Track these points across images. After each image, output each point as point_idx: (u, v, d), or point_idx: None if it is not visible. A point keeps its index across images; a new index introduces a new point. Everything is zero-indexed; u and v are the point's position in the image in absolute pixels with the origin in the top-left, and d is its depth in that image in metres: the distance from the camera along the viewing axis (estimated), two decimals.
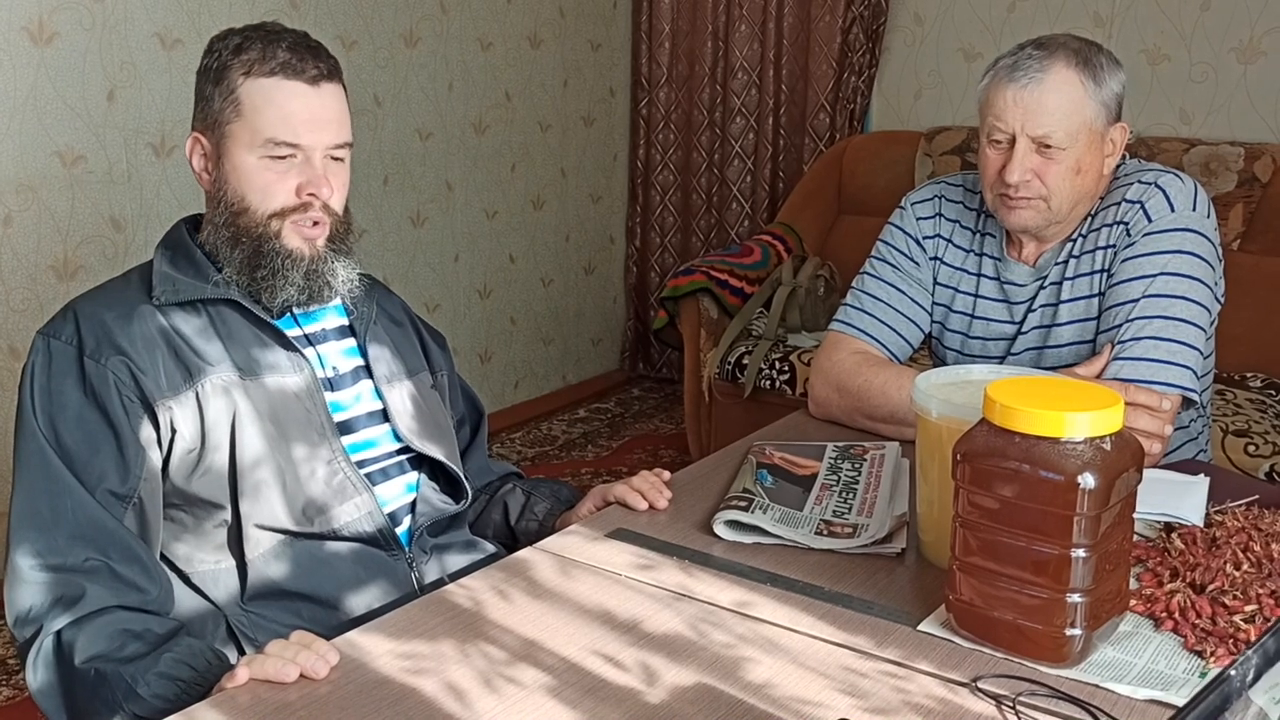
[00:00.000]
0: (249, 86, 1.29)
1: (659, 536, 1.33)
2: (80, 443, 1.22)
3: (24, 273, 2.72)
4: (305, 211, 1.31)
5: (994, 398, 1.05)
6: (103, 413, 1.23)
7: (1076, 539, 1.01)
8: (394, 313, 1.52)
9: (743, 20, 4.13)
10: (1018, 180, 1.57)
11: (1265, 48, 3.30)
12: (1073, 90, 1.55)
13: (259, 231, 1.30)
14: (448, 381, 1.57)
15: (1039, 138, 1.56)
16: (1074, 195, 1.60)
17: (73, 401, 1.23)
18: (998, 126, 1.59)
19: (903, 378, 1.62)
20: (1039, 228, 1.64)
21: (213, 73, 1.31)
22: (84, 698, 1.14)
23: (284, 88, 1.29)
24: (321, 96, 1.31)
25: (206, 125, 1.32)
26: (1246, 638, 1.07)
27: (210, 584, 1.27)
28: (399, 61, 3.53)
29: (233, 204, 1.31)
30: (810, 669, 1.06)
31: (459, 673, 1.05)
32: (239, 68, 1.29)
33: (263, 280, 1.31)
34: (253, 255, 1.30)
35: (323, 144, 1.31)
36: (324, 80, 1.31)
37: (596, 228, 4.45)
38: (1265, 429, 2.60)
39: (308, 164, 1.31)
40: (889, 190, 3.35)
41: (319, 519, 1.29)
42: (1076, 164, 1.57)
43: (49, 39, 2.69)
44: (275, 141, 1.29)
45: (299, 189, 1.31)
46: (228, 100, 1.30)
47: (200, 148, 1.34)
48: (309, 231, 1.32)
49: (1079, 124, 1.56)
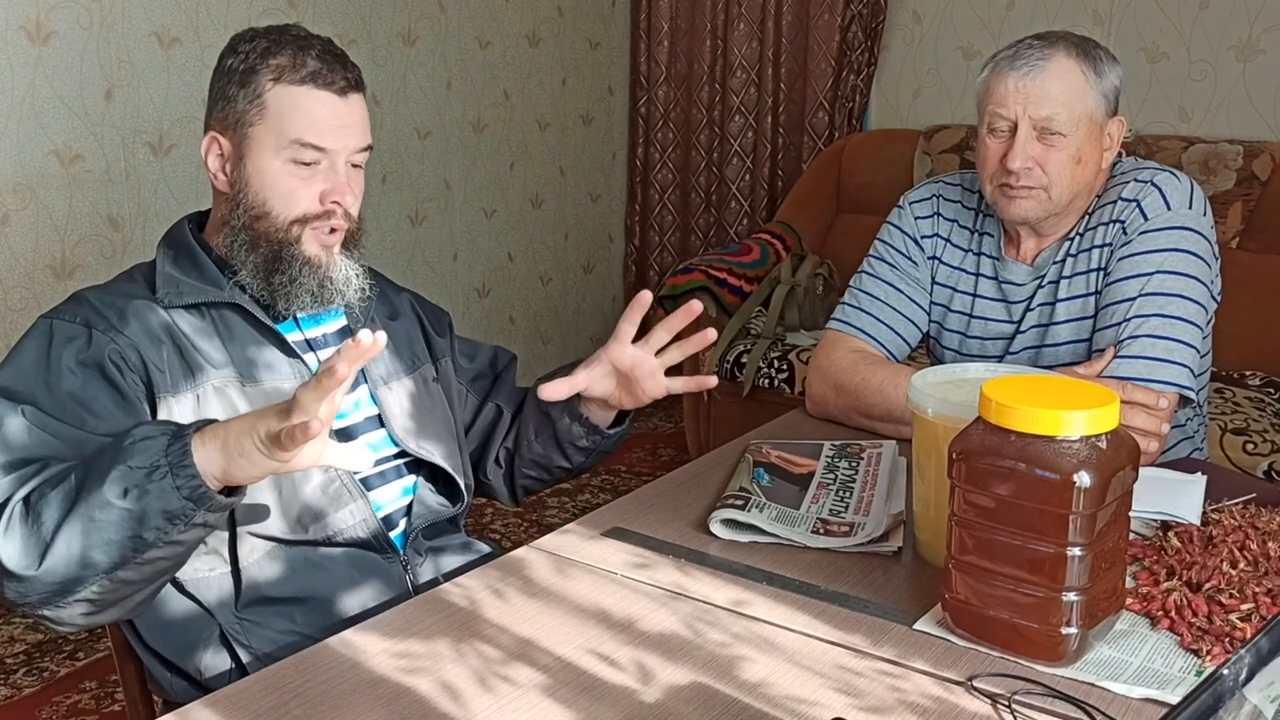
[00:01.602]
0: (278, 92, 1.29)
1: (655, 535, 1.32)
2: (72, 400, 1.18)
3: (21, 272, 2.72)
4: (327, 219, 1.31)
5: (990, 396, 1.05)
6: (106, 379, 1.21)
7: (1072, 537, 1.01)
8: (396, 307, 1.51)
9: (741, 19, 4.13)
10: (1019, 166, 1.57)
11: (1264, 45, 3.30)
12: (1074, 78, 1.56)
13: (280, 236, 1.30)
14: (452, 366, 1.55)
15: (1042, 121, 1.56)
16: (1073, 186, 1.60)
17: (70, 366, 1.20)
18: (999, 114, 1.59)
19: (900, 376, 1.62)
20: (1038, 219, 1.64)
21: (238, 74, 1.30)
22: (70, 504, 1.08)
23: (313, 96, 1.29)
24: (349, 105, 1.32)
25: (227, 125, 1.31)
26: (1243, 636, 1.07)
27: (203, 590, 1.27)
28: (397, 60, 3.52)
29: (253, 207, 1.30)
30: (806, 668, 1.05)
31: (454, 672, 1.04)
32: (268, 72, 1.29)
33: (279, 285, 1.30)
34: (271, 259, 1.30)
35: (348, 149, 1.32)
36: (351, 90, 1.32)
37: (595, 226, 4.44)
38: (1264, 427, 2.60)
39: (332, 170, 1.31)
40: (888, 189, 3.34)
41: (314, 526, 1.29)
42: (1077, 153, 1.57)
43: (46, 38, 2.69)
44: (302, 143, 1.28)
45: (323, 196, 1.31)
46: (254, 103, 1.29)
47: (218, 148, 1.33)
48: (326, 239, 1.32)
49: (1081, 111, 1.56)
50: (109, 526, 1.07)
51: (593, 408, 1.49)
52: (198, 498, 1.07)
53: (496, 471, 1.59)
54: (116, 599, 1.13)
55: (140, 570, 1.11)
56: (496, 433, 1.57)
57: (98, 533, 1.07)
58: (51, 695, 2.37)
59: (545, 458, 1.55)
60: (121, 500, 1.06)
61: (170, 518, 1.07)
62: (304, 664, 1.06)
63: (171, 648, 1.27)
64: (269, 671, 1.06)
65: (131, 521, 1.07)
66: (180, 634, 1.26)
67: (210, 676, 1.25)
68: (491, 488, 1.61)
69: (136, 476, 1.07)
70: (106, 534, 1.07)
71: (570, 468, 1.56)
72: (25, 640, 2.58)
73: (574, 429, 1.49)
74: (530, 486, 1.61)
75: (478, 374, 1.60)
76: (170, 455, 1.07)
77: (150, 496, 1.06)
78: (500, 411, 1.57)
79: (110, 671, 2.41)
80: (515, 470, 1.58)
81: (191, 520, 1.08)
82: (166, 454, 1.07)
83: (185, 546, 1.13)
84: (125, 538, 1.08)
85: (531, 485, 1.61)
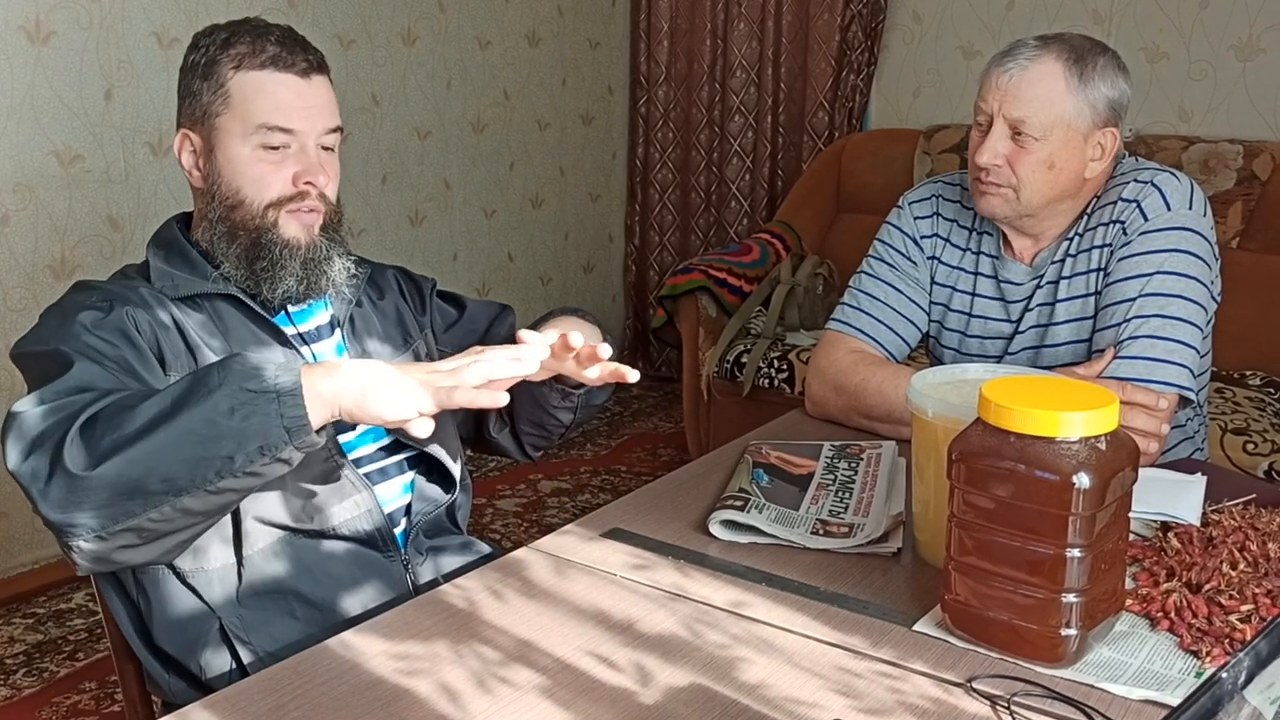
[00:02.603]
0: (239, 79, 1.29)
1: (654, 536, 1.32)
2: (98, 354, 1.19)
3: (21, 272, 2.72)
4: (301, 199, 1.31)
5: (989, 397, 1.05)
6: (130, 342, 1.22)
7: (1072, 539, 1.01)
8: (382, 286, 1.50)
9: (741, 18, 4.13)
10: (986, 162, 1.59)
11: (1264, 45, 3.30)
12: (1053, 83, 1.56)
13: (256, 223, 1.30)
14: (432, 335, 1.52)
15: (1013, 121, 1.57)
16: (1046, 191, 1.60)
17: (92, 328, 1.21)
18: (980, 108, 1.61)
19: (899, 377, 1.62)
20: (1007, 218, 1.64)
21: (200, 68, 1.30)
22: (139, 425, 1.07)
23: (275, 79, 1.29)
24: (313, 86, 1.32)
25: (194, 120, 1.32)
26: (1242, 637, 1.07)
27: (205, 585, 1.27)
28: (397, 60, 3.52)
29: (227, 197, 1.30)
30: (805, 669, 1.05)
31: (453, 673, 1.04)
32: (228, 61, 1.29)
33: (262, 272, 1.30)
34: (251, 247, 1.30)
35: (316, 130, 1.31)
36: (314, 72, 1.32)
37: (595, 226, 4.44)
38: (1264, 427, 2.60)
39: (302, 153, 1.31)
40: (888, 188, 3.34)
41: (318, 516, 1.29)
42: (1050, 158, 1.57)
43: (46, 38, 2.69)
44: (269, 127, 1.28)
45: (295, 178, 1.30)
46: (217, 94, 1.29)
47: (189, 144, 1.33)
48: (306, 218, 1.32)
49: (1055, 117, 1.56)
50: (202, 442, 1.07)
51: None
52: (298, 428, 1.09)
53: (502, 428, 1.56)
54: (167, 531, 1.11)
55: (207, 500, 1.10)
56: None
57: (187, 447, 1.07)
58: (51, 695, 2.37)
59: (537, 418, 1.52)
60: (228, 418, 1.07)
61: (264, 447, 1.09)
62: (303, 665, 1.06)
63: (173, 644, 1.27)
64: (268, 673, 1.06)
65: (231, 440, 1.07)
66: (181, 630, 1.26)
67: (211, 676, 1.25)
68: (502, 446, 1.58)
69: (246, 397, 1.08)
70: (195, 450, 1.07)
71: (564, 425, 1.53)
72: (25, 640, 2.58)
73: (550, 395, 1.46)
74: (536, 444, 1.59)
75: (466, 335, 1.55)
76: (280, 382, 1.09)
77: (255, 419, 1.08)
78: None
79: (110, 672, 2.41)
80: (518, 429, 1.56)
81: (278, 454, 1.10)
82: (278, 382, 1.09)
83: (259, 480, 1.13)
84: (219, 456, 1.08)
85: (537, 442, 1.59)
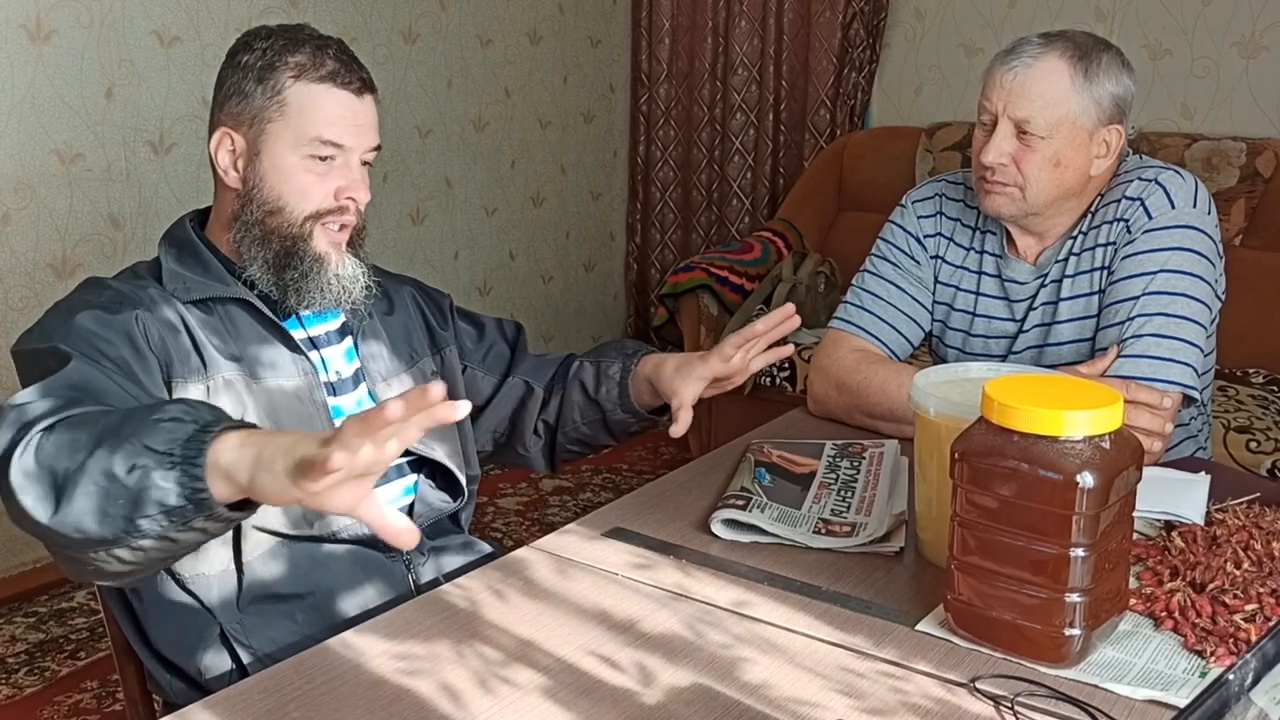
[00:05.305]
0: (298, 89, 1.29)
1: (656, 536, 1.32)
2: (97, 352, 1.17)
3: (22, 271, 2.72)
4: (340, 214, 1.33)
5: (992, 396, 1.04)
6: (132, 345, 1.21)
7: (1075, 538, 1.00)
8: (394, 301, 1.51)
9: (743, 16, 4.12)
10: (992, 161, 1.58)
11: (1267, 42, 3.29)
12: (1058, 80, 1.55)
13: (293, 231, 1.31)
14: (457, 352, 1.55)
15: (1019, 120, 1.56)
16: (1052, 189, 1.59)
17: (94, 327, 1.20)
18: (985, 107, 1.60)
19: (902, 375, 1.61)
20: (1013, 216, 1.64)
21: (255, 70, 1.30)
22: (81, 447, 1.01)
23: (333, 95, 1.30)
24: (365, 105, 1.34)
25: (240, 121, 1.31)
26: (1247, 637, 1.07)
27: (204, 590, 1.26)
28: (398, 58, 3.52)
29: (267, 202, 1.31)
30: (807, 669, 1.05)
31: (454, 673, 1.04)
32: (288, 69, 1.29)
33: (291, 281, 1.31)
34: (282, 254, 1.31)
35: (363, 146, 1.33)
36: (366, 91, 1.34)
37: (596, 225, 4.44)
38: (1267, 425, 2.59)
39: (346, 167, 1.32)
40: (889, 186, 3.34)
41: (318, 522, 1.29)
42: (1055, 156, 1.57)
43: (47, 37, 2.68)
44: (322, 140, 1.30)
45: (338, 192, 1.32)
46: (273, 100, 1.29)
47: (229, 143, 1.32)
48: (336, 235, 1.34)
49: (1060, 115, 1.55)
50: (107, 497, 0.98)
51: (642, 394, 1.54)
52: (197, 501, 0.97)
53: (536, 443, 1.61)
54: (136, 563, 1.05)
55: (135, 555, 1.02)
56: (529, 407, 1.59)
57: (102, 499, 0.99)
58: (53, 695, 2.37)
59: (592, 438, 1.60)
60: (126, 475, 0.97)
61: (167, 512, 0.98)
62: (304, 665, 1.06)
63: (172, 648, 1.27)
64: (268, 673, 1.05)
65: (128, 502, 0.98)
66: (181, 634, 1.26)
67: (210, 678, 1.25)
68: (528, 458, 1.64)
69: (148, 458, 0.97)
70: (102, 504, 0.99)
71: (616, 444, 1.62)
72: (26, 640, 2.58)
73: (627, 420, 1.56)
74: (570, 459, 1.66)
75: (492, 351, 1.60)
76: (187, 449, 0.97)
77: (151, 484, 0.97)
78: (530, 387, 1.59)
79: (111, 671, 2.41)
80: (557, 445, 1.61)
81: (189, 522, 0.99)
82: (184, 446, 0.97)
83: (181, 546, 1.05)
84: (120, 516, 0.98)
85: (572, 458, 1.66)
